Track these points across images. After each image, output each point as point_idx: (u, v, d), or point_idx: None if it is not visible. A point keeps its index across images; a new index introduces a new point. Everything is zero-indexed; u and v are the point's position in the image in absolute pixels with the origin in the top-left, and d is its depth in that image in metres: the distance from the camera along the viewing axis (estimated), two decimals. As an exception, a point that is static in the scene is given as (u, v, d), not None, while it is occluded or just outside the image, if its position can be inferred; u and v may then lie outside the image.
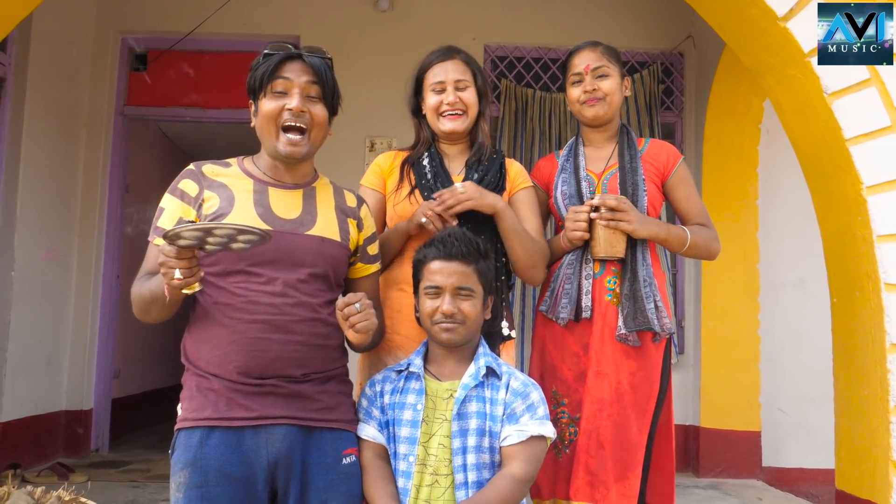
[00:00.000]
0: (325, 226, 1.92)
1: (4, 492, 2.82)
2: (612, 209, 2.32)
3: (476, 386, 1.92)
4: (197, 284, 1.66)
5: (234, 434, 1.77)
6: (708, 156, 5.37)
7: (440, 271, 1.95)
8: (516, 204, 2.38)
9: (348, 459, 1.88)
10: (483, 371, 1.94)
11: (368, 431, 1.96)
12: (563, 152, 2.60)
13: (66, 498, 2.83)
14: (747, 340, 5.23)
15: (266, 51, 1.91)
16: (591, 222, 2.37)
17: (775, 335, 5.26)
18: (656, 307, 2.35)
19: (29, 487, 2.90)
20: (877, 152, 2.79)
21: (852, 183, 2.83)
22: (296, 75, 1.88)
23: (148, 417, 6.80)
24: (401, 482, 1.90)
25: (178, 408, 1.85)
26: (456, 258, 1.95)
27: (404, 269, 2.23)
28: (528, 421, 1.90)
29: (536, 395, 1.95)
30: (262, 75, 1.88)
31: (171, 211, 1.87)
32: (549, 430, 1.92)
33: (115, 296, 5.56)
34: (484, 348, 2.01)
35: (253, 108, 1.95)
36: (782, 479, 5.09)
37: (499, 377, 1.95)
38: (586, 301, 2.39)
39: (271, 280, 1.81)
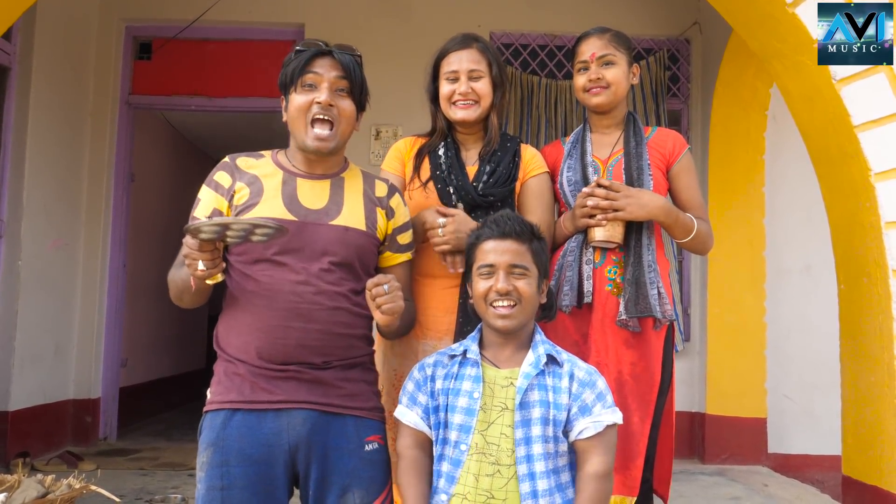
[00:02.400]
0: (351, 215, 1.96)
1: (15, 480, 2.84)
2: (605, 195, 2.30)
3: (536, 374, 1.86)
4: (220, 274, 1.76)
5: (256, 416, 1.83)
6: (714, 143, 5.35)
7: (494, 250, 1.90)
8: (524, 193, 2.37)
9: (371, 446, 1.90)
10: (543, 359, 1.87)
11: (410, 418, 1.91)
12: (570, 139, 2.58)
13: (76, 486, 2.85)
14: (753, 327, 5.22)
15: (297, 47, 1.97)
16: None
17: (781, 322, 5.25)
18: (659, 293, 2.34)
19: (39, 476, 2.93)
20: (885, 139, 2.78)
21: (860, 169, 2.83)
22: (325, 70, 1.93)
23: (155, 406, 6.85)
24: (445, 467, 1.85)
25: (208, 392, 1.92)
26: (510, 236, 1.90)
27: (422, 260, 2.22)
28: (600, 410, 1.84)
29: (602, 382, 1.89)
30: (293, 70, 1.94)
31: (206, 202, 1.95)
32: (619, 417, 1.87)
33: (122, 285, 5.59)
34: (540, 335, 1.95)
35: (284, 102, 2.00)
36: (788, 465, 5.09)
37: (559, 364, 1.89)
38: (588, 286, 2.37)
39: (294, 269, 1.85)
